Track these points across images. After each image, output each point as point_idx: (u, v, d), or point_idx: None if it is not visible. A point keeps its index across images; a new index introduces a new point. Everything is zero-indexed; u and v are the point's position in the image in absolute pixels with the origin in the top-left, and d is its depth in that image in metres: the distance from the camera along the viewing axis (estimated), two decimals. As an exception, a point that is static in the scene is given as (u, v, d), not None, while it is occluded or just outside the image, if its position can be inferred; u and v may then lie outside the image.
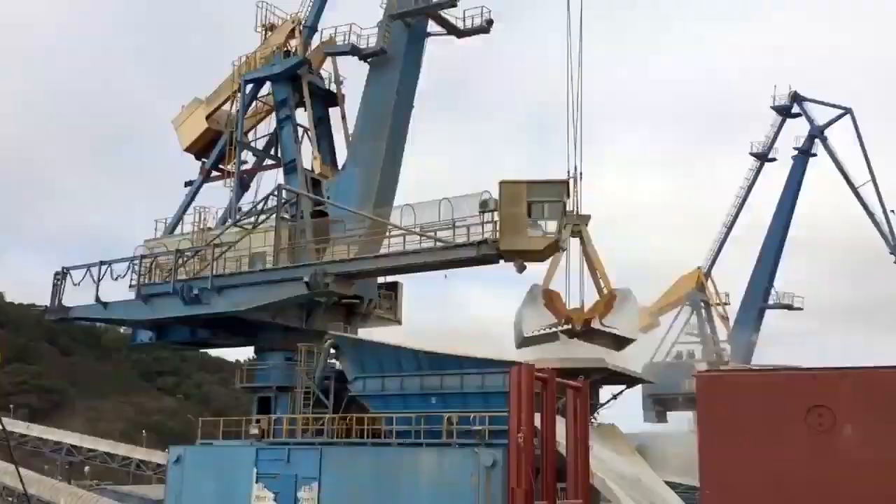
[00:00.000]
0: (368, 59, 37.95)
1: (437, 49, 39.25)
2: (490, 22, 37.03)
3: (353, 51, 37.86)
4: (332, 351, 33.82)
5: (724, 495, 14.73)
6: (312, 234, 35.27)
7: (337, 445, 32.18)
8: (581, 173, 26.43)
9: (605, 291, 28.44)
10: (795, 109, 77.35)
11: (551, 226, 29.55)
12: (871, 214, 72.89)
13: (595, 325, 24.29)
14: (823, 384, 14.53)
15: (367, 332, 38.10)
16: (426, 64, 38.65)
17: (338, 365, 34.50)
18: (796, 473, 14.54)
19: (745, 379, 15.81)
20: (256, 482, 32.86)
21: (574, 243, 29.94)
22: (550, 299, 23.72)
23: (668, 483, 37.88)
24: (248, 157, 41.36)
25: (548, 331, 25.06)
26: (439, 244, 31.07)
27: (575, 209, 26.94)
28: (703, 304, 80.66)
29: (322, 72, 40.87)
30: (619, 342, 28.50)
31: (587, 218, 25.96)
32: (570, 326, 24.45)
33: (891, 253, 72.20)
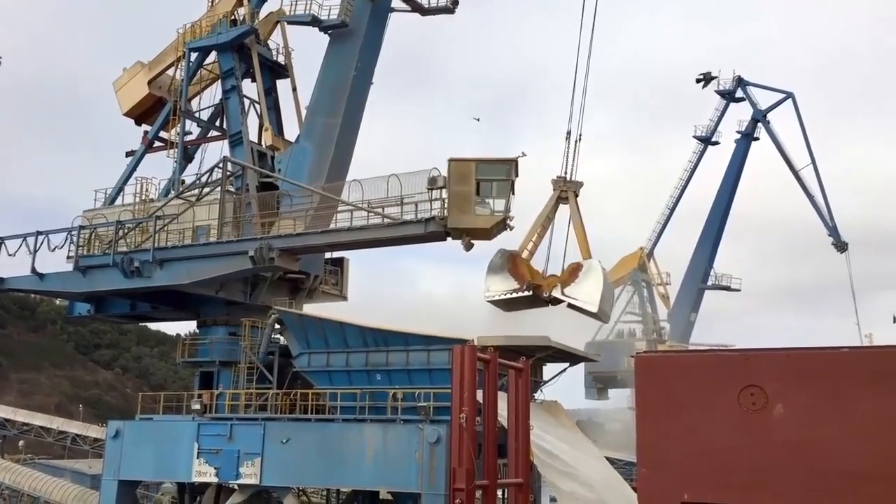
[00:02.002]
0: (329, 31, 37.31)
1: (399, 25, 38.84)
2: (455, 2, 36.80)
3: (314, 21, 37.08)
4: (277, 326, 33.60)
5: (659, 473, 15.14)
6: (258, 208, 34.84)
7: (280, 421, 32.08)
8: (581, 135, 25.79)
9: (583, 259, 27.99)
10: (739, 94, 78.77)
11: (499, 204, 29.69)
12: (810, 197, 74.79)
13: (556, 293, 24.05)
14: (756, 364, 15.00)
15: (312, 308, 37.89)
16: (387, 39, 38.13)
17: (282, 340, 34.31)
18: (730, 451, 15.03)
19: (680, 360, 16.22)
20: (198, 457, 32.59)
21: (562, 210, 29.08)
22: (514, 264, 23.37)
23: (607, 458, 38.82)
24: (193, 128, 40.58)
25: (509, 296, 24.80)
26: (387, 220, 30.97)
27: (566, 174, 26.41)
28: (644, 284, 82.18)
29: (269, 43, 40.23)
30: (582, 312, 28.18)
31: (579, 185, 25.41)
32: (530, 292, 24.08)
33: (829, 235, 74.26)
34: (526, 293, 23.76)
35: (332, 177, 35.30)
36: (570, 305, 26.09)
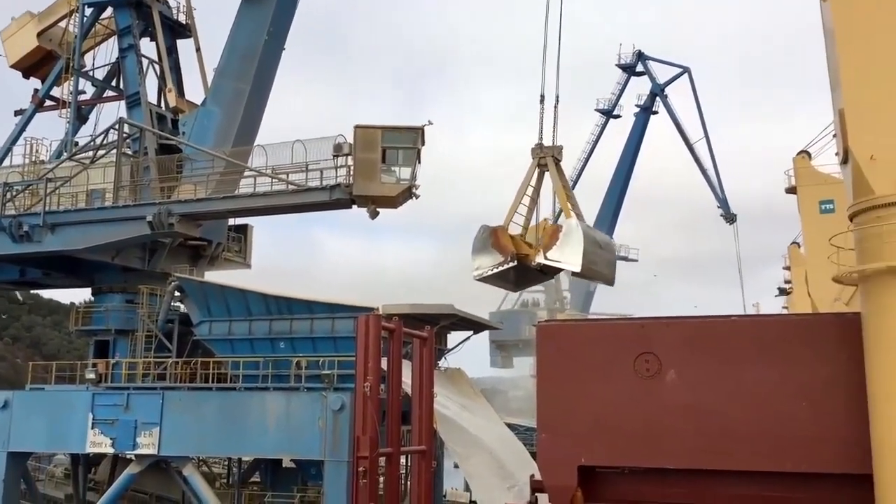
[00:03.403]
0: None
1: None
2: None
3: None
4: (177, 294, 32.88)
5: (558, 438, 15.69)
6: (157, 172, 33.79)
7: (180, 390, 31.53)
8: (558, 96, 25.14)
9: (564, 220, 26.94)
10: (640, 68, 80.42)
11: (405, 172, 29.69)
12: (703, 170, 77.28)
13: (539, 259, 23.66)
14: (651, 332, 15.66)
15: (214, 275, 37.21)
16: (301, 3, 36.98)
17: (182, 308, 33.63)
18: (625, 416, 15.70)
19: (580, 328, 16.68)
20: (92, 428, 31.78)
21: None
22: (496, 237, 22.93)
23: (509, 424, 39.79)
24: (87, 87, 38.96)
25: (495, 270, 24.29)
26: (291, 187, 30.57)
27: (542, 138, 25.72)
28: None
29: (170, 1, 38.79)
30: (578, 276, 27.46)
31: (557, 149, 24.82)
32: (514, 263, 23.60)
33: (718, 207, 77.07)
34: (511, 264, 23.29)
35: (240, 142, 34.50)
36: (575, 273, 25.40)
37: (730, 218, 75.81)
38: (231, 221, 37.60)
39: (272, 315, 31.26)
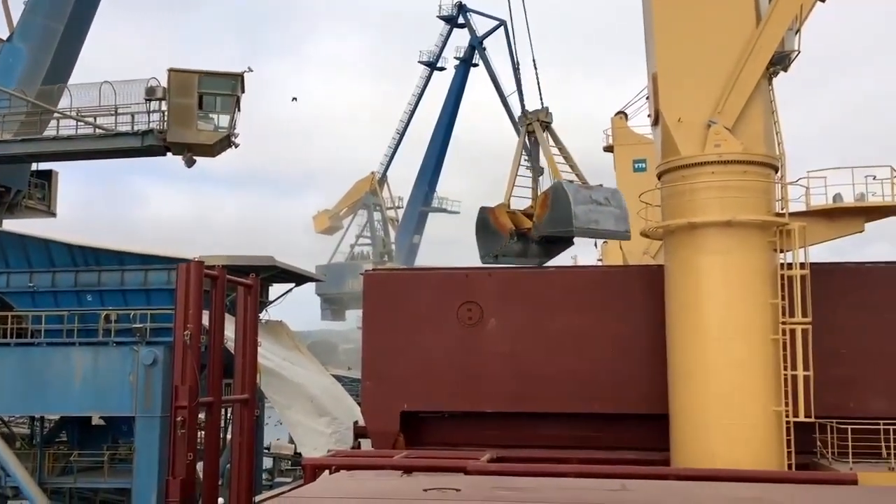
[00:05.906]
0: None
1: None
2: None
3: None
4: (-32, 243, 30.27)
5: (382, 385, 16.00)
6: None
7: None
8: (534, 60, 24.29)
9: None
10: (461, 20, 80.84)
11: (224, 120, 28.78)
12: (514, 123, 79.24)
13: (535, 231, 22.83)
14: (474, 282, 16.25)
15: (15, 224, 34.54)
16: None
17: (-25, 259, 31.02)
18: (447, 363, 16.24)
19: (405, 277, 17.08)
20: None
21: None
22: (494, 216, 21.89)
23: (336, 376, 39.95)
24: None
25: (498, 250, 23.10)
26: (99, 131, 28.73)
27: (523, 105, 24.47)
28: (377, 208, 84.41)
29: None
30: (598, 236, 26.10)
31: (544, 112, 23.75)
32: (515, 239, 22.56)
33: (526, 159, 79.31)
34: (513, 241, 22.34)
35: (50, 84, 31.84)
36: (546, 242, 24.15)
37: (538, 171, 78.40)
38: (34, 167, 34.94)
39: (78, 266, 29.62)
